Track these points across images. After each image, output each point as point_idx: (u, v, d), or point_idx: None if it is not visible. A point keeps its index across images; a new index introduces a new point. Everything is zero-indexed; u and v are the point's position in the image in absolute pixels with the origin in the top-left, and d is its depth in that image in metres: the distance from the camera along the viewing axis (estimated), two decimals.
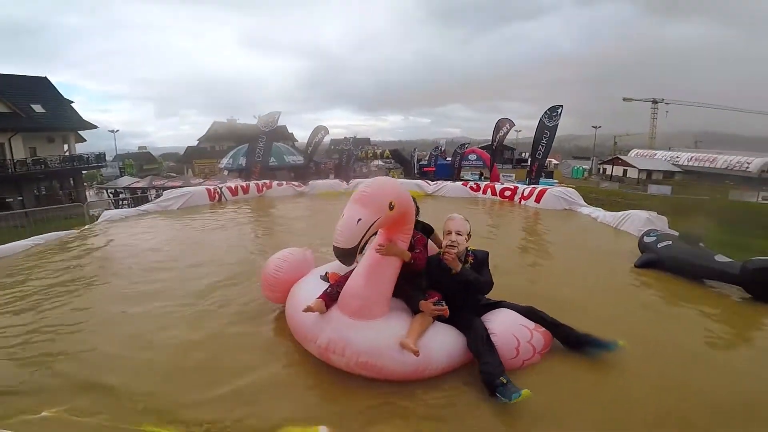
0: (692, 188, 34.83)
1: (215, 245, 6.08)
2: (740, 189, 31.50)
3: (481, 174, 28.34)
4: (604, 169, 49.07)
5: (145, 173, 37.17)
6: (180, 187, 17.54)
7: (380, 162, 36.33)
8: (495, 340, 2.50)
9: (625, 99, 68.56)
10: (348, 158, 24.19)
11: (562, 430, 2.12)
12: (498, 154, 20.20)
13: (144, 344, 3.00)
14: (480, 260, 2.80)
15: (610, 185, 35.13)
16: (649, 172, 43.89)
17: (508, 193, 10.87)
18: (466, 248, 2.82)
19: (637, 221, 6.75)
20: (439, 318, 2.63)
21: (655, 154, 51.27)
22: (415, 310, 2.65)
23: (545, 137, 12.70)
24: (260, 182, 12.54)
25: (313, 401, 2.39)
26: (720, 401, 2.38)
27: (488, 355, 2.39)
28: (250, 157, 15.09)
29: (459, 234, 2.72)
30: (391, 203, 2.32)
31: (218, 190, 11.21)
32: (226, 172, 25.58)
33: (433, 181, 13.16)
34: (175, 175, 33.32)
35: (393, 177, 25.53)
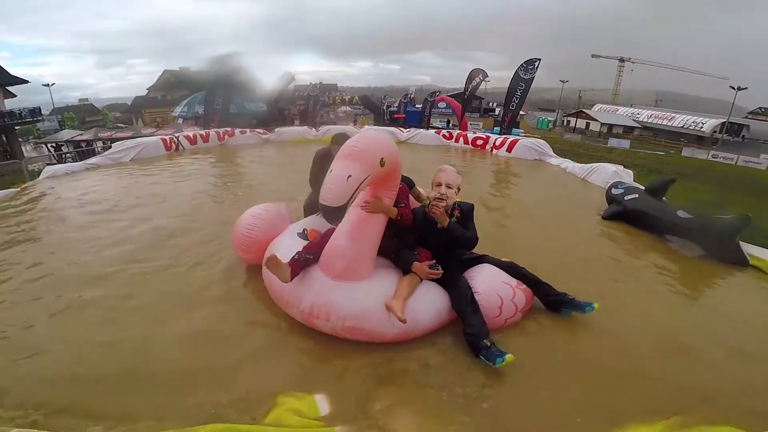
0: (649, 144, 36.47)
1: (177, 199, 5.59)
2: (692, 147, 33.31)
3: (449, 122, 28.18)
4: (568, 122, 50.05)
5: (89, 125, 33.90)
6: (131, 137, 16.45)
7: (348, 108, 35.20)
8: (479, 299, 2.46)
9: (593, 56, 69.79)
10: (314, 105, 23.31)
11: (541, 388, 2.14)
12: (468, 103, 19.98)
13: (106, 322, 2.62)
14: (466, 213, 2.68)
15: (572, 137, 36.02)
16: (611, 126, 45.20)
17: (480, 142, 10.87)
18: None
19: (604, 173, 6.95)
20: (436, 280, 2.56)
21: (618, 110, 52.62)
22: (404, 270, 2.55)
23: (520, 89, 12.65)
24: (221, 130, 11.75)
25: (303, 368, 2.27)
26: (668, 352, 2.55)
27: (472, 316, 2.37)
28: (209, 105, 14.15)
29: (449, 187, 2.56)
30: (382, 159, 2.15)
31: (175, 139, 10.35)
32: (180, 121, 23.78)
33: (403, 127, 12.89)
34: (123, 125, 30.82)
35: (363, 123, 25.08)
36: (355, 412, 1.88)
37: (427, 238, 2.65)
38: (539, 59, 12.79)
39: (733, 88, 37.56)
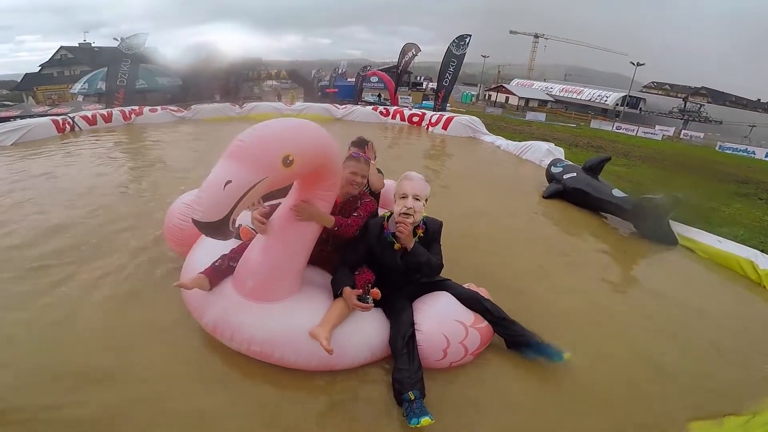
0: (561, 116, 39.25)
1: (73, 190, 4.61)
2: (599, 119, 36.48)
3: (380, 95, 28.01)
4: (490, 96, 52.03)
5: None
6: (17, 117, 13.99)
7: (274, 82, 33.15)
8: (420, 339, 2.01)
9: (511, 32, 72.86)
10: (237, 80, 21.67)
11: None
12: (401, 77, 19.80)
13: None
14: (432, 233, 2.18)
15: (494, 111, 37.54)
16: (527, 100, 47.85)
17: (416, 119, 10.74)
18: None
19: (538, 151, 7.16)
20: (378, 303, 2.10)
21: (533, 84, 55.69)
22: (335, 293, 2.07)
23: (452, 65, 12.67)
24: (127, 109, 10.34)
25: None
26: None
27: (404, 359, 1.91)
28: (111, 81, 12.44)
29: (417, 199, 2.04)
30: (287, 157, 1.64)
31: (69, 120, 8.88)
32: (80, 98, 21.03)
33: (338, 104, 12.37)
34: (11, 103, 26.14)
35: (293, 98, 23.81)
36: None
37: (380, 260, 2.14)
38: (470, 35, 12.97)
39: (633, 64, 41.35)
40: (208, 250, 2.28)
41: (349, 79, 28.67)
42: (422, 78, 50.54)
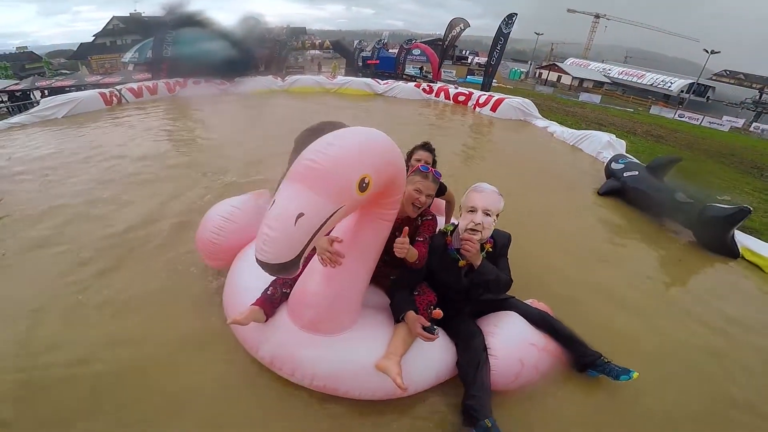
0: (618, 99, 36.70)
1: (120, 169, 4.50)
2: (660, 105, 33.81)
3: (422, 68, 27.32)
4: (540, 74, 49.42)
5: (29, 74, 30.19)
6: (72, 86, 14.58)
7: (318, 52, 32.90)
8: (494, 364, 1.87)
9: (569, 10, 68.29)
10: (281, 49, 21.49)
11: None
12: (447, 52, 19.03)
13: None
14: (500, 247, 1.97)
15: (545, 89, 35.60)
16: (581, 81, 45.02)
17: (462, 98, 10.20)
18: None
19: (596, 143, 6.56)
20: (440, 323, 1.87)
21: (590, 65, 52.35)
22: (395, 317, 1.87)
23: (500, 43, 12.04)
24: (171, 81, 10.39)
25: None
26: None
27: (478, 387, 1.78)
28: (157, 51, 12.47)
29: (487, 214, 1.82)
30: (363, 180, 1.37)
31: (116, 92, 8.99)
32: (131, 67, 21.58)
33: (380, 78, 12.00)
34: (68, 72, 27.34)
35: (334, 69, 23.51)
36: None
37: (443, 278, 1.94)
38: (516, 14, 12.58)
39: (707, 51, 37.81)
40: (254, 271, 2.05)
41: (390, 50, 27.87)
42: (467, 52, 48.76)
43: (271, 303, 1.86)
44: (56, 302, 2.31)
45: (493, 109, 9.25)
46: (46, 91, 14.96)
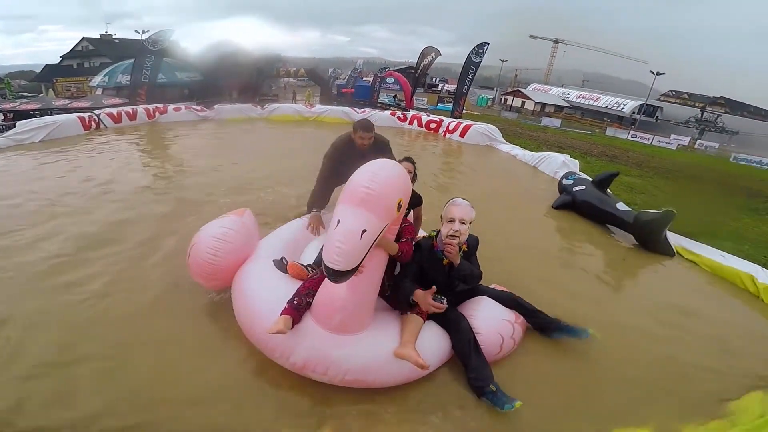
0: (576, 122, 39.08)
1: (99, 196, 4.62)
2: (614, 127, 36.21)
3: (396, 97, 28.38)
4: (505, 100, 51.80)
5: None
6: (37, 110, 14.24)
7: (292, 80, 33.51)
8: (480, 340, 2.32)
9: (531, 36, 72.34)
10: (258, 76, 21.94)
11: (541, 410, 2.15)
12: (419, 81, 20.00)
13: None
14: (472, 248, 2.50)
15: (509, 115, 37.56)
16: (543, 105, 47.60)
17: (433, 125, 11.00)
18: None
19: (554, 163, 7.38)
20: (430, 315, 2.31)
21: (550, 90, 55.33)
22: (404, 299, 2.25)
23: (471, 72, 12.89)
24: (151, 107, 10.55)
25: (299, 405, 2.05)
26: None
27: (476, 360, 2.24)
28: (136, 76, 12.73)
29: (463, 223, 2.29)
30: (399, 203, 1.79)
31: (95, 117, 9.04)
32: (100, 91, 20.98)
33: (356, 107, 12.70)
34: (30, 94, 26.28)
35: (308, 96, 24.00)
36: None
37: (430, 275, 2.40)
38: (488, 43, 13.24)
39: (653, 73, 40.91)
40: (268, 285, 2.34)
41: (365, 78, 28.75)
42: (438, 80, 50.50)
43: (298, 311, 2.10)
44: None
45: (462, 135, 10.07)
46: (10, 114, 14.21)
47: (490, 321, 2.42)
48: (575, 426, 2.08)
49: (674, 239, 4.69)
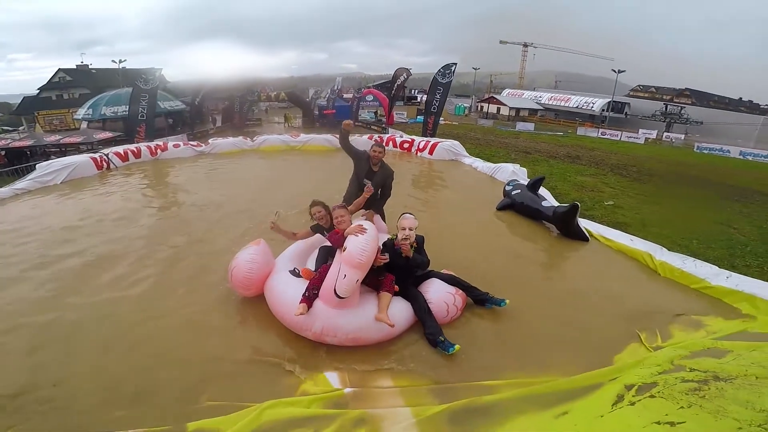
0: (550, 124, 40.82)
1: (119, 234, 5.62)
2: (585, 126, 38.00)
3: (377, 112, 29.57)
4: (482, 107, 53.58)
5: None
6: (29, 147, 14.99)
7: (272, 104, 34.41)
8: (432, 308, 3.37)
9: (501, 42, 75.05)
10: (242, 104, 22.90)
11: (477, 358, 3.08)
12: (395, 99, 21.27)
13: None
14: (420, 243, 3.61)
15: (486, 122, 38.98)
16: (518, 110, 49.40)
17: (406, 145, 12.34)
18: None
19: (505, 172, 8.72)
20: (396, 293, 3.44)
21: (523, 94, 57.29)
22: (376, 287, 3.44)
23: (439, 93, 14.10)
24: (152, 144, 11.69)
25: (318, 363, 3.02)
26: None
27: (429, 320, 3.29)
28: (133, 114, 13.74)
29: (411, 229, 3.43)
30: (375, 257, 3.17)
31: (105, 157, 10.10)
32: (85, 124, 21.60)
33: (334, 125, 13.84)
34: (11, 129, 26.30)
35: (290, 120, 24.86)
36: (359, 382, 2.88)
37: (395, 264, 3.47)
38: (455, 63, 14.20)
39: (615, 71, 42.96)
40: (290, 287, 3.43)
41: (345, 95, 29.37)
42: (417, 91, 51.48)
43: (310, 300, 3.18)
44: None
45: (430, 152, 11.39)
46: (2, 152, 15.27)
47: (438, 294, 3.52)
48: (499, 362, 3.12)
49: (594, 228, 5.95)
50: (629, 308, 3.93)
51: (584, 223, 6.00)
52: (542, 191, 6.94)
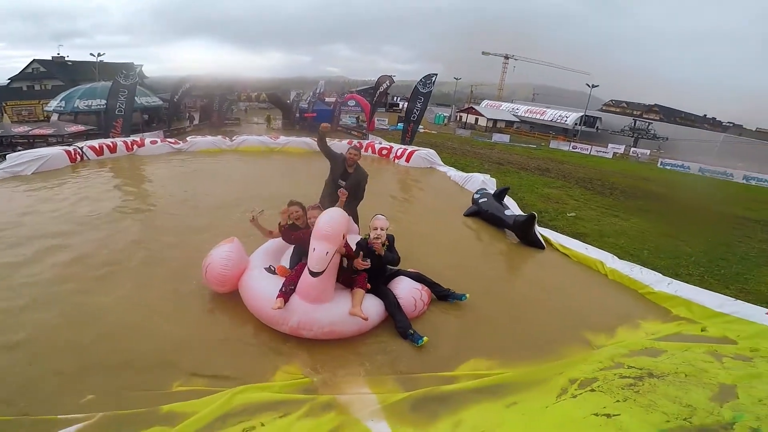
0: (525, 137, 42.09)
1: (88, 226, 5.62)
2: (558, 139, 39.35)
3: (358, 118, 29.51)
4: (461, 117, 54.06)
5: None
6: None
7: (252, 104, 34.10)
8: (401, 303, 3.64)
9: (483, 53, 76.84)
10: (221, 103, 22.74)
11: (440, 349, 3.36)
12: (377, 105, 21.53)
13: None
14: (391, 242, 3.87)
15: (464, 132, 39.76)
16: (495, 122, 50.65)
17: (385, 152, 12.70)
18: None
19: (476, 182, 9.16)
20: (368, 290, 3.65)
21: (501, 105, 58.86)
22: (349, 285, 3.64)
23: (419, 102, 14.51)
24: (129, 140, 11.57)
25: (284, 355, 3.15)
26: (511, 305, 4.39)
27: (399, 315, 3.57)
28: (110, 109, 13.53)
29: (382, 229, 3.68)
30: (344, 235, 3.28)
31: (79, 150, 10.01)
32: (56, 117, 20.64)
33: (315, 128, 13.98)
34: None
35: (271, 121, 24.69)
36: (329, 371, 3.08)
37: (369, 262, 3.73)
38: (436, 74, 14.68)
39: (588, 85, 44.69)
40: (265, 283, 3.61)
41: (327, 99, 29.45)
42: (398, 99, 52.09)
43: (286, 295, 3.31)
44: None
45: (407, 160, 11.78)
46: None
47: (407, 290, 3.81)
48: (459, 353, 3.40)
49: (554, 237, 6.34)
50: (579, 309, 4.31)
51: (545, 233, 6.42)
52: (508, 201, 7.39)
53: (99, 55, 37.68)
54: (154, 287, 4.10)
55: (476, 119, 51.74)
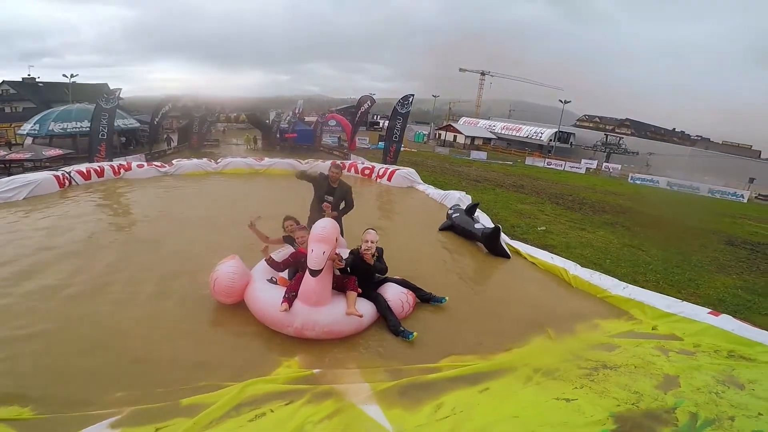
0: (501, 154, 43.30)
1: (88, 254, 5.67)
2: (534, 156, 40.42)
3: (339, 138, 29.84)
4: (440, 134, 55.07)
5: None
6: None
7: (231, 125, 34.20)
8: (391, 305, 4.10)
9: (461, 69, 77.80)
10: (201, 124, 22.89)
11: (425, 344, 3.80)
12: (359, 126, 22.13)
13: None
14: (380, 253, 4.30)
15: (442, 150, 40.46)
16: (473, 139, 51.83)
17: (367, 171, 13.31)
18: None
19: (453, 199, 9.81)
20: (360, 295, 4.10)
21: (478, 122, 60.03)
22: (342, 289, 4.09)
23: (399, 122, 15.21)
24: (116, 164, 11.76)
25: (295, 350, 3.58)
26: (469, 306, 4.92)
27: (390, 315, 4.02)
28: (94, 133, 13.69)
29: (373, 242, 4.13)
30: (336, 238, 3.80)
31: (67, 175, 10.08)
32: (30, 140, 20.20)
33: (295, 149, 14.51)
34: None
35: (249, 141, 24.82)
36: (326, 366, 3.43)
37: (359, 271, 4.24)
38: (413, 95, 15.43)
39: (561, 101, 46.07)
40: (270, 292, 4.00)
41: (307, 119, 29.89)
42: (379, 117, 51.83)
43: (290, 300, 3.73)
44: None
45: (389, 179, 12.43)
46: None
47: (395, 294, 4.28)
48: (441, 347, 3.81)
49: (523, 248, 6.93)
50: (544, 310, 4.80)
51: (516, 244, 7.03)
52: (481, 215, 8.06)
53: (72, 76, 37.04)
54: (168, 301, 4.48)
55: (455, 136, 52.53)
